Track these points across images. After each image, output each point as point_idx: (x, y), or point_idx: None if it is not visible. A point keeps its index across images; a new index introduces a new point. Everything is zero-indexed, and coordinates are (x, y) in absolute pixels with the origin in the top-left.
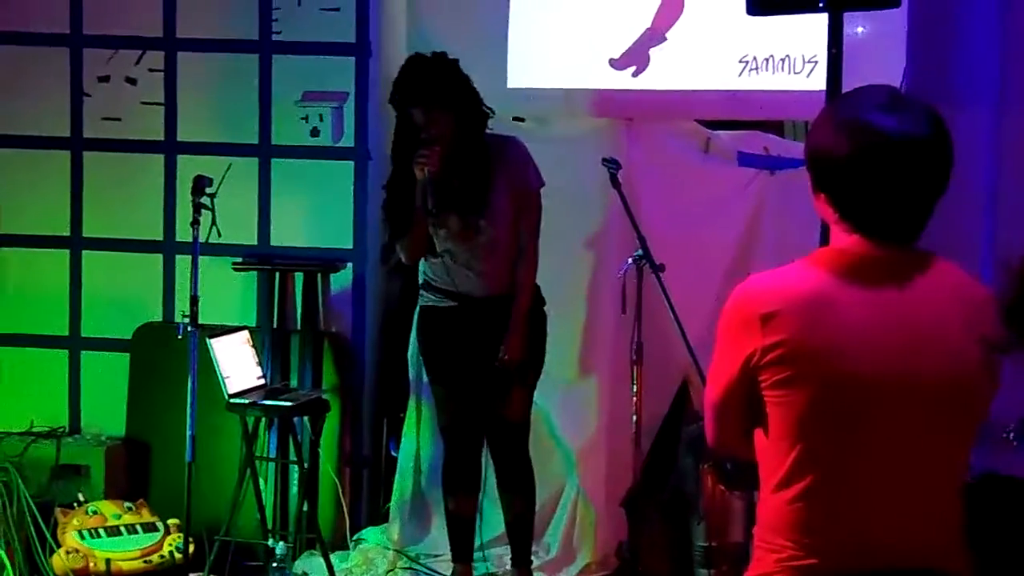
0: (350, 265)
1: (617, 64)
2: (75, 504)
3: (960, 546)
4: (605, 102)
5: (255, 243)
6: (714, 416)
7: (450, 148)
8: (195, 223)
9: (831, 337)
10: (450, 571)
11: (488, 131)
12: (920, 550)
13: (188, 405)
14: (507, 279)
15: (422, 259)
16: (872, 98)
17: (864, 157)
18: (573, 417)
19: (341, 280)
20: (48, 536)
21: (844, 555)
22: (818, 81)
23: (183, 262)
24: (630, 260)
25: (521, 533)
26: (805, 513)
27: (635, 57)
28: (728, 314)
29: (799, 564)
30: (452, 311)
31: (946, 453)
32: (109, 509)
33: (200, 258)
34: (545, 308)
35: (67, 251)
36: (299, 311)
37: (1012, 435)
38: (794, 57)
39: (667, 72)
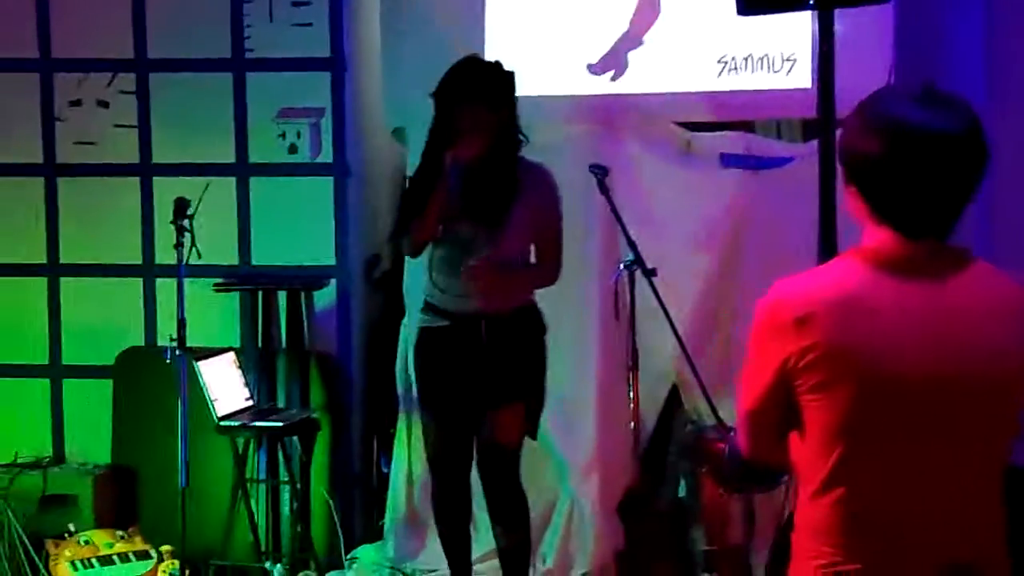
0: (333, 282)
1: (595, 69)
2: (66, 535)
3: (1003, 547)
4: (584, 108)
5: (236, 263)
6: (749, 424)
7: (485, 151)
8: (178, 245)
9: (867, 337)
10: None
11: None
12: (963, 552)
13: (179, 429)
14: (502, 298)
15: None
16: (906, 93)
17: (897, 152)
18: (566, 425)
19: (325, 297)
20: (41, 568)
21: (887, 559)
22: (797, 79)
23: (163, 285)
24: (621, 266)
25: (515, 564)
26: (846, 518)
27: (613, 61)
28: (760, 321)
29: (841, 569)
30: (445, 331)
31: (987, 452)
32: (101, 538)
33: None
34: (545, 337)
35: (45, 279)
36: (284, 330)
37: None
38: (772, 56)
39: (646, 75)
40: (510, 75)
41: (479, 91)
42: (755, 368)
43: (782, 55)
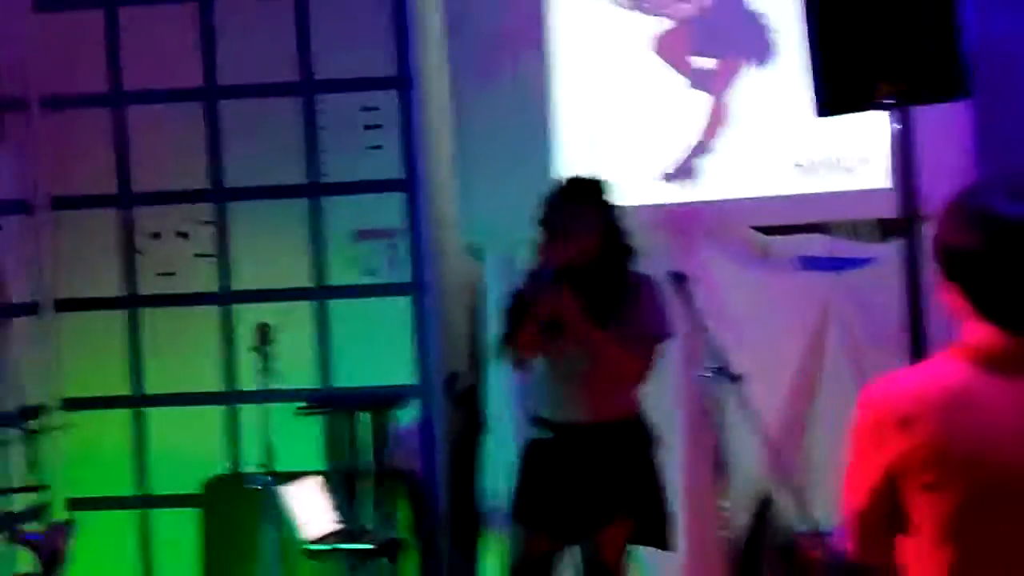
0: (415, 401)
1: (668, 177)
2: None
3: None
4: (659, 216)
5: (318, 385)
6: (855, 525)
7: (591, 257)
8: (263, 370)
9: (974, 436)
10: None
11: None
12: None
13: (268, 555)
14: (611, 405)
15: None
16: (1000, 186)
17: (998, 247)
18: None
19: (407, 416)
20: None
21: None
22: (873, 179)
23: (246, 411)
24: (707, 372)
25: None
26: None
27: (686, 169)
28: (862, 420)
29: None
30: (549, 444)
31: None
32: None
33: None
34: (655, 449)
35: (130, 410)
36: (367, 451)
37: None
38: (847, 157)
39: (719, 182)
40: (608, 184)
41: (583, 194)
42: (859, 468)
43: (857, 155)
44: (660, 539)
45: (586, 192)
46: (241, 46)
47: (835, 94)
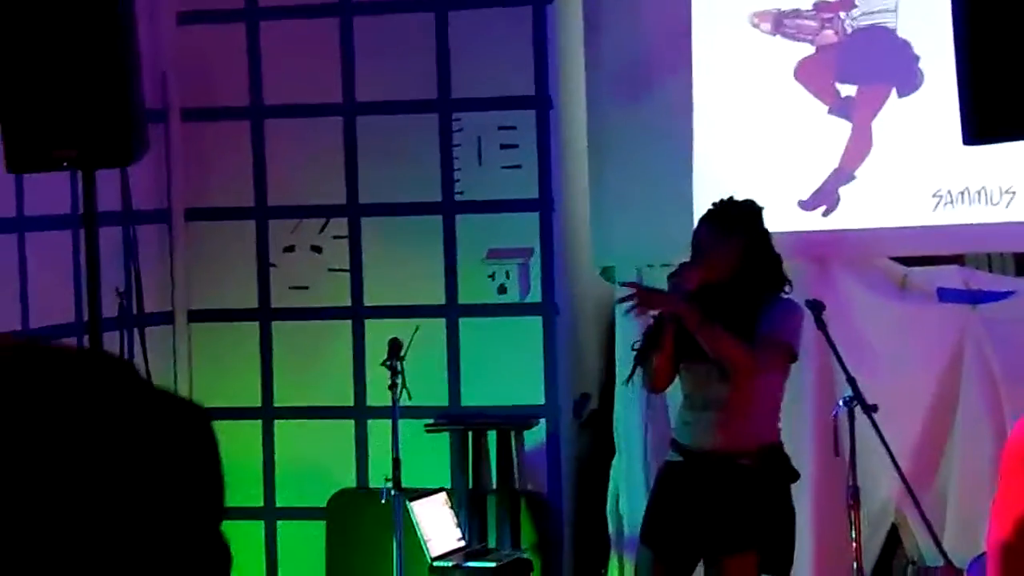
0: (543, 421)
1: (806, 205)
2: None
3: None
4: (796, 244)
5: (446, 403)
6: (1001, 556)
7: (723, 279)
8: (393, 386)
9: None
10: None
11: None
12: None
13: (395, 570)
14: (742, 436)
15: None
16: None
17: None
18: None
19: (534, 437)
20: None
21: None
22: (1017, 212)
23: (375, 426)
24: (840, 402)
25: None
26: None
27: (825, 197)
28: (1014, 450)
29: None
30: (678, 467)
31: None
32: None
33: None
34: (789, 483)
35: (259, 421)
36: (494, 470)
37: None
38: (990, 189)
39: (858, 210)
40: (756, 209)
41: (724, 217)
42: (1007, 500)
43: (1000, 188)
44: (784, 570)
45: (728, 216)
46: (380, 63)
47: (986, 120)
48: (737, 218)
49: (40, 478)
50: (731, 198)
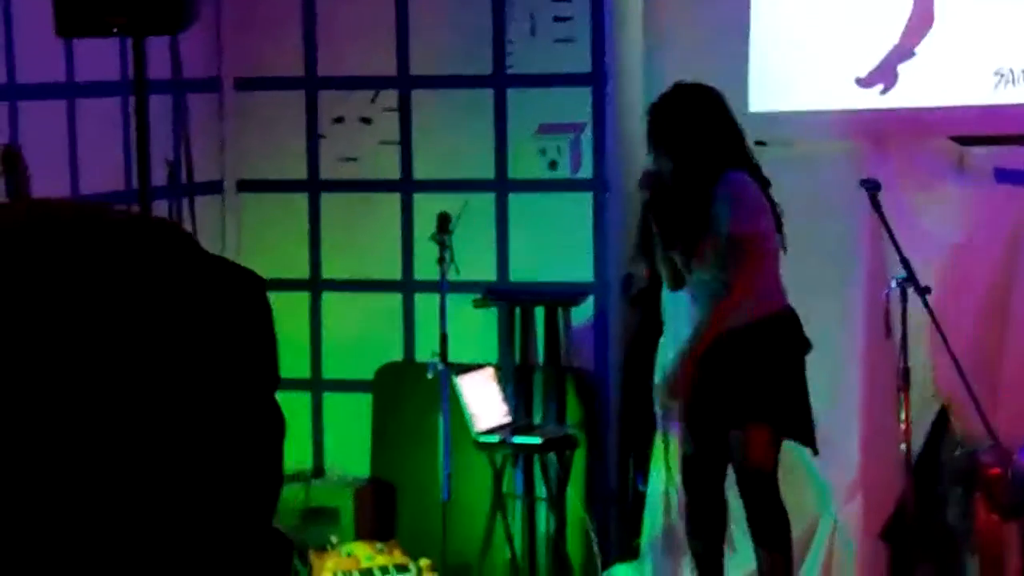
0: (591, 298)
1: (864, 82)
2: (328, 546)
3: None
4: (852, 122)
5: (494, 279)
6: None
7: (672, 185)
8: (441, 260)
9: None
10: None
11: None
12: None
13: (441, 444)
14: (738, 316)
15: None
16: None
17: None
18: (829, 446)
19: (582, 314)
20: None
21: None
22: None
23: (422, 300)
24: (894, 283)
25: None
26: None
27: (883, 74)
28: None
29: None
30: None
31: None
32: (362, 551)
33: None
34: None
35: (307, 293)
36: (541, 346)
37: None
38: None
39: (917, 89)
40: (681, 99)
41: (648, 131)
42: None
43: None
44: (806, 435)
45: (652, 130)
46: None
47: None
48: (663, 125)
49: (95, 342)
50: (662, 96)
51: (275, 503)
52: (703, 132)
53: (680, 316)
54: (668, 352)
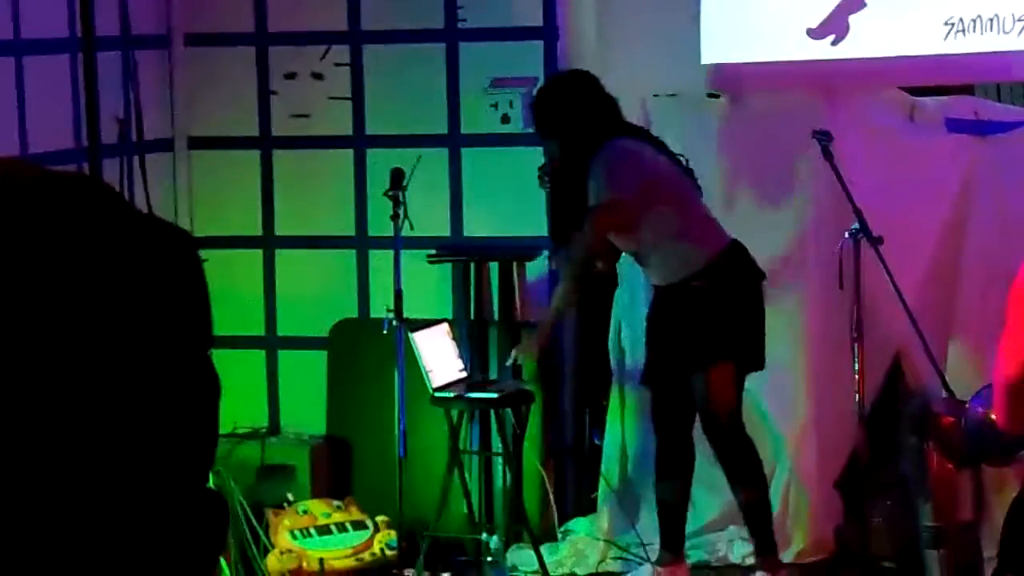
0: (545, 253)
1: (815, 33)
2: (284, 504)
3: None
4: (804, 73)
5: (448, 234)
6: (1008, 394)
7: (564, 169)
8: (395, 216)
9: None
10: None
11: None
12: None
13: (396, 400)
14: (677, 269)
15: None
16: None
17: None
18: (782, 398)
19: (537, 269)
20: (262, 536)
21: None
22: None
23: (376, 257)
24: (847, 234)
25: (758, 520)
26: None
27: (834, 25)
28: (1022, 287)
29: None
30: (654, 300)
31: None
32: (319, 508)
33: None
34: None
35: (260, 251)
36: (496, 301)
37: None
38: (1003, 16)
39: (868, 39)
40: (558, 88)
41: (535, 122)
42: (1017, 336)
43: (1013, 15)
44: (758, 365)
45: (537, 121)
46: None
47: None
48: (545, 115)
49: (19, 303)
50: (540, 88)
51: (211, 462)
52: (579, 110)
53: (635, 268)
54: (623, 306)
